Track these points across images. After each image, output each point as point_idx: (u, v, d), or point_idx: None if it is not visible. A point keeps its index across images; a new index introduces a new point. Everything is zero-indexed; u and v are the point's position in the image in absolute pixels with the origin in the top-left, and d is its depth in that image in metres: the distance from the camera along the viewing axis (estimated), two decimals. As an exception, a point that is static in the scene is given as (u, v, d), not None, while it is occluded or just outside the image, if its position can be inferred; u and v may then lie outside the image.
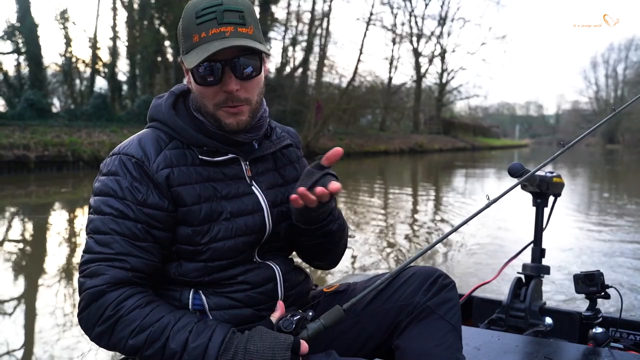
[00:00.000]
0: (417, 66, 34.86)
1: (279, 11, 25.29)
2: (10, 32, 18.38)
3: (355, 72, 23.17)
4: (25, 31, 18.34)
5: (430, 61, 36.09)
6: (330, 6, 24.66)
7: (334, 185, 1.05)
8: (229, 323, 1.05)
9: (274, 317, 1.09)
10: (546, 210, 1.95)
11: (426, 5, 33.65)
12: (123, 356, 1.12)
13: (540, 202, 1.92)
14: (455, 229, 1.22)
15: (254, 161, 1.16)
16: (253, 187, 1.14)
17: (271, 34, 25.39)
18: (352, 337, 1.20)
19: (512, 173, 1.71)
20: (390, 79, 30.43)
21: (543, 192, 1.85)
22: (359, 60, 23.40)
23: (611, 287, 1.63)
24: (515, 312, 1.83)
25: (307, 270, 1.32)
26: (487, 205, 1.22)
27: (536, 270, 1.90)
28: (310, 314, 1.08)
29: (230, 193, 1.11)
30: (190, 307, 1.09)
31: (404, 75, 33.92)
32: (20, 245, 5.92)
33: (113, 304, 0.98)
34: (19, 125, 13.98)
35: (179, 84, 1.20)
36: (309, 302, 1.26)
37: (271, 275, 1.15)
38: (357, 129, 26.44)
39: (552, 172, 1.89)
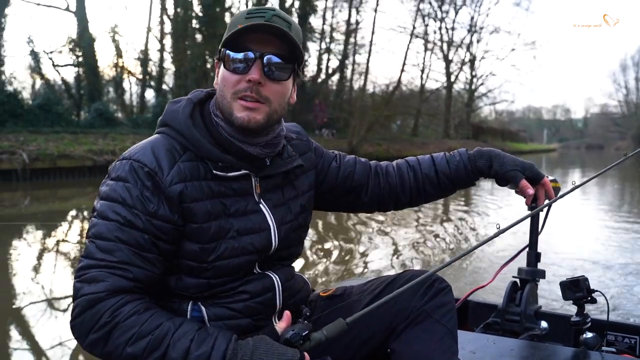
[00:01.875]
0: (448, 73, 35.59)
1: (314, 20, 26.31)
2: (72, 46, 19.81)
3: (399, 81, 24.47)
4: (84, 45, 19.73)
5: (461, 68, 36.79)
6: (374, 18, 25.61)
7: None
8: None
9: (280, 327, 1.08)
10: (542, 215, 1.93)
11: (456, 13, 34.35)
12: None
13: (535, 207, 1.93)
14: (458, 257, 1.18)
15: (263, 178, 1.14)
16: (261, 205, 1.13)
17: (308, 44, 26.48)
18: (348, 340, 1.18)
19: None
20: (422, 85, 31.22)
21: (538, 196, 1.87)
22: (402, 70, 24.71)
23: (597, 291, 1.66)
24: (511, 316, 1.84)
25: (305, 277, 1.31)
26: (496, 235, 1.24)
27: (531, 274, 1.90)
28: (307, 313, 1.12)
29: (238, 210, 1.09)
30: (188, 318, 1.07)
31: (433, 82, 34.60)
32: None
33: (110, 311, 0.94)
34: (93, 133, 15.21)
35: (197, 90, 1.18)
36: (306, 305, 1.24)
37: (270, 285, 1.14)
38: (390, 135, 27.31)
39: (547, 177, 1.93)
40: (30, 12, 30.09)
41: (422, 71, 30.19)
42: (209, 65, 22.30)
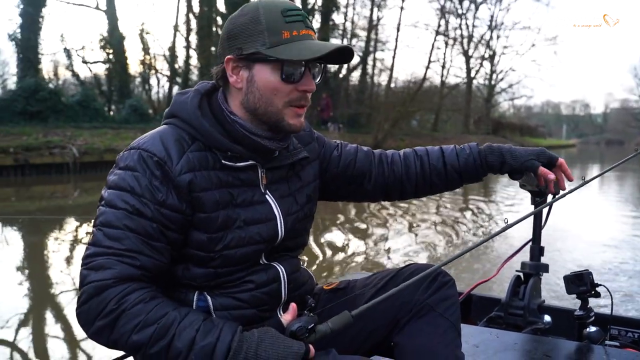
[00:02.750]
0: (468, 68, 35.66)
1: (335, 17, 26.71)
2: (103, 44, 20.42)
3: (424, 78, 25.13)
4: (114, 43, 20.32)
5: (481, 64, 36.81)
6: (400, 16, 25.89)
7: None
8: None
9: (286, 319, 1.08)
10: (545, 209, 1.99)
11: (476, 8, 34.37)
12: (121, 354, 1.12)
13: (539, 201, 1.94)
14: (464, 252, 1.18)
15: (270, 169, 1.15)
16: (267, 196, 1.14)
17: (331, 40, 26.85)
18: (351, 334, 1.19)
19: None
20: (442, 82, 31.40)
21: (542, 190, 1.85)
22: (427, 67, 25.17)
23: (601, 285, 1.65)
24: (514, 310, 1.84)
25: (310, 271, 1.31)
26: (504, 229, 1.23)
27: (535, 269, 1.91)
28: (312, 304, 1.14)
29: (245, 200, 1.10)
30: (194, 307, 1.09)
31: (453, 77, 34.74)
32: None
33: (116, 298, 0.94)
34: (132, 128, 15.72)
35: (202, 82, 1.17)
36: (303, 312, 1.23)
37: (276, 276, 1.15)
38: (411, 130, 27.60)
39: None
40: (61, 10, 30.84)
41: (443, 67, 30.35)
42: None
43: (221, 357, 0.93)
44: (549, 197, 1.84)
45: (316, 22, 25.32)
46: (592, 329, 1.63)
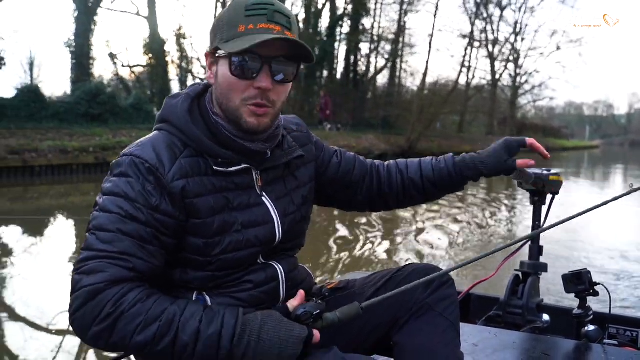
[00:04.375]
0: (493, 71, 36.20)
1: (365, 20, 27.62)
2: (145, 49, 21.59)
3: (456, 81, 26.79)
4: (155, 47, 21.44)
5: (505, 66, 37.32)
6: (434, 21, 26.99)
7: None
8: None
9: (292, 305, 1.08)
10: (544, 209, 1.97)
11: (501, 11, 34.89)
12: (119, 354, 1.12)
13: (537, 200, 1.94)
14: (473, 260, 1.17)
15: (264, 170, 1.14)
16: (263, 198, 1.13)
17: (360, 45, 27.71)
18: (351, 333, 1.20)
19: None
20: (468, 84, 32.07)
21: (540, 190, 1.88)
22: (460, 71, 27.21)
23: (599, 284, 1.65)
24: (513, 309, 1.85)
25: (308, 269, 1.32)
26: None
27: (534, 268, 1.92)
28: (326, 293, 1.13)
29: (242, 204, 1.09)
30: None
31: (477, 79, 35.35)
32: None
33: (112, 301, 0.92)
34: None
35: (195, 83, 1.16)
36: (311, 298, 1.20)
37: (274, 275, 1.14)
38: (438, 132, 28.39)
39: (549, 170, 1.90)
40: (107, 18, 32.25)
41: (469, 69, 31.04)
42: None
43: (227, 342, 0.95)
44: (548, 197, 1.91)
45: (347, 26, 26.29)
46: (591, 327, 1.63)
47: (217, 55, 1.06)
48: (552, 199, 1.93)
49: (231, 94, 1.06)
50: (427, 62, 28.76)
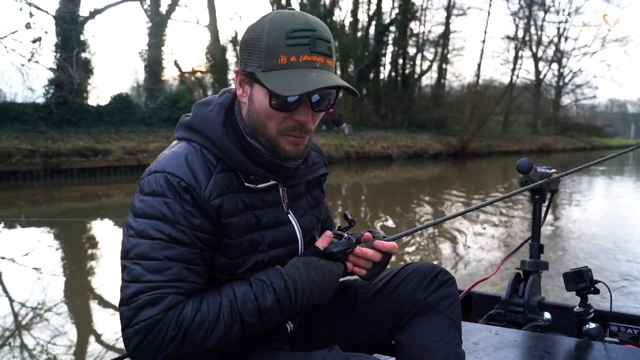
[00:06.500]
0: (537, 71, 36.51)
1: (412, 25, 28.58)
2: (207, 56, 23.10)
3: (510, 84, 27.79)
4: (216, 54, 22.90)
5: (549, 65, 37.55)
6: (486, 24, 27.93)
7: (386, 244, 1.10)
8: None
9: (321, 244, 1.10)
10: (543, 207, 1.96)
11: (545, 12, 35.16)
12: (122, 354, 1.13)
13: (538, 198, 1.92)
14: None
15: (290, 187, 1.14)
16: (289, 216, 1.13)
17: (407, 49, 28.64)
18: (353, 332, 1.21)
19: (521, 170, 1.81)
20: (513, 84, 32.58)
21: (541, 187, 1.85)
22: (512, 74, 28.28)
23: (600, 282, 1.65)
24: (514, 308, 1.85)
25: None
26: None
27: (534, 266, 1.92)
28: (353, 223, 1.18)
29: (270, 222, 1.08)
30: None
31: (521, 79, 35.80)
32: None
33: (172, 324, 0.92)
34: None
35: (225, 91, 1.11)
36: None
37: None
38: (489, 132, 29.00)
39: (550, 168, 1.90)
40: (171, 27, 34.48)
41: (513, 71, 31.56)
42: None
43: (287, 304, 1.00)
44: (548, 195, 1.96)
45: (393, 33, 27.25)
46: (592, 325, 1.63)
47: (251, 78, 1.01)
48: (552, 197, 2.01)
49: (268, 123, 1.02)
50: (479, 65, 29.89)
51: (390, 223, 7.73)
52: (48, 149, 12.27)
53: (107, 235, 6.92)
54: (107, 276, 4.78)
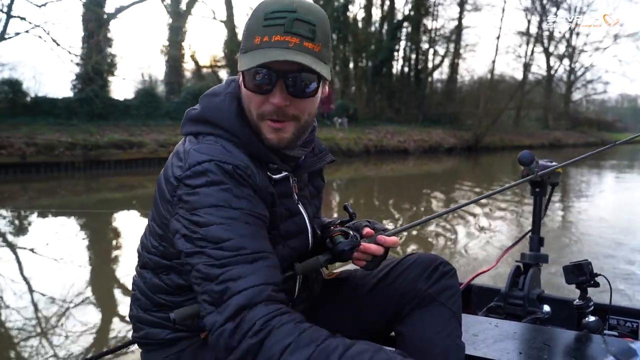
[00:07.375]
0: (548, 66, 36.68)
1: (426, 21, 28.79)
2: (225, 50, 23.56)
3: (523, 81, 27.86)
4: (233, 49, 23.26)
5: (561, 61, 37.70)
6: (502, 19, 28.19)
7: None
8: None
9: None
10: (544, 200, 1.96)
11: (557, 7, 35.28)
12: (125, 342, 1.17)
13: (538, 191, 1.92)
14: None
15: (298, 176, 1.13)
16: (299, 206, 1.13)
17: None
18: (354, 323, 1.21)
19: (522, 162, 1.84)
20: (525, 79, 32.84)
21: (543, 180, 1.85)
22: (525, 69, 28.66)
23: (600, 275, 1.65)
24: (514, 300, 1.86)
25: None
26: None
27: (534, 259, 1.93)
28: (355, 215, 1.19)
29: (284, 214, 1.07)
30: None
31: (533, 74, 35.98)
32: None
33: (263, 319, 0.85)
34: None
35: (231, 79, 1.08)
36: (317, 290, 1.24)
37: (291, 276, 1.11)
38: (501, 126, 29.28)
39: (551, 161, 1.91)
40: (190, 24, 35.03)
41: (525, 67, 31.81)
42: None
43: None
44: (548, 188, 1.98)
45: (406, 29, 27.55)
46: (591, 318, 1.63)
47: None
48: (552, 190, 2.02)
49: (250, 107, 1.00)
50: (494, 61, 30.29)
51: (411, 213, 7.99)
52: (87, 141, 12.87)
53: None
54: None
